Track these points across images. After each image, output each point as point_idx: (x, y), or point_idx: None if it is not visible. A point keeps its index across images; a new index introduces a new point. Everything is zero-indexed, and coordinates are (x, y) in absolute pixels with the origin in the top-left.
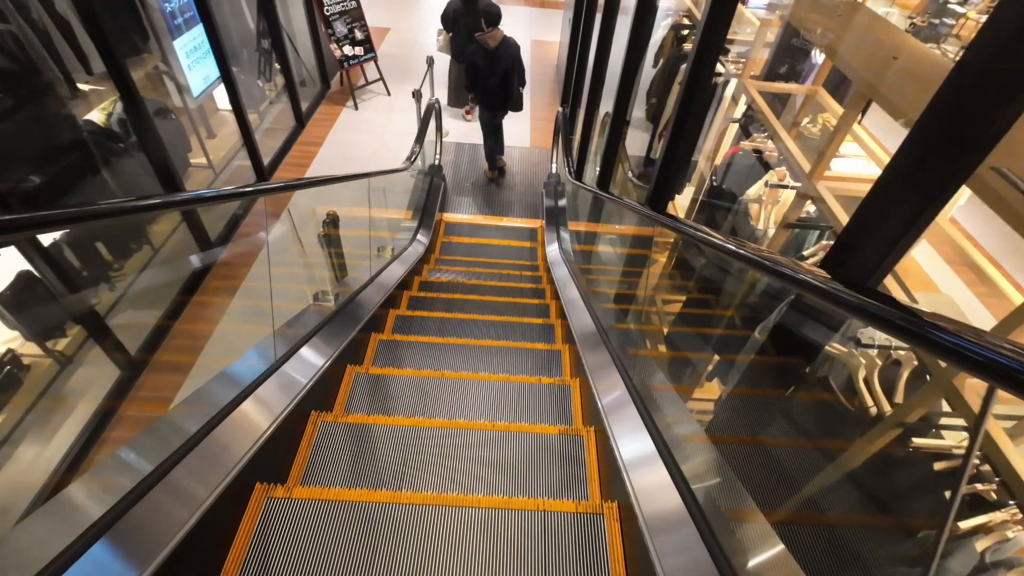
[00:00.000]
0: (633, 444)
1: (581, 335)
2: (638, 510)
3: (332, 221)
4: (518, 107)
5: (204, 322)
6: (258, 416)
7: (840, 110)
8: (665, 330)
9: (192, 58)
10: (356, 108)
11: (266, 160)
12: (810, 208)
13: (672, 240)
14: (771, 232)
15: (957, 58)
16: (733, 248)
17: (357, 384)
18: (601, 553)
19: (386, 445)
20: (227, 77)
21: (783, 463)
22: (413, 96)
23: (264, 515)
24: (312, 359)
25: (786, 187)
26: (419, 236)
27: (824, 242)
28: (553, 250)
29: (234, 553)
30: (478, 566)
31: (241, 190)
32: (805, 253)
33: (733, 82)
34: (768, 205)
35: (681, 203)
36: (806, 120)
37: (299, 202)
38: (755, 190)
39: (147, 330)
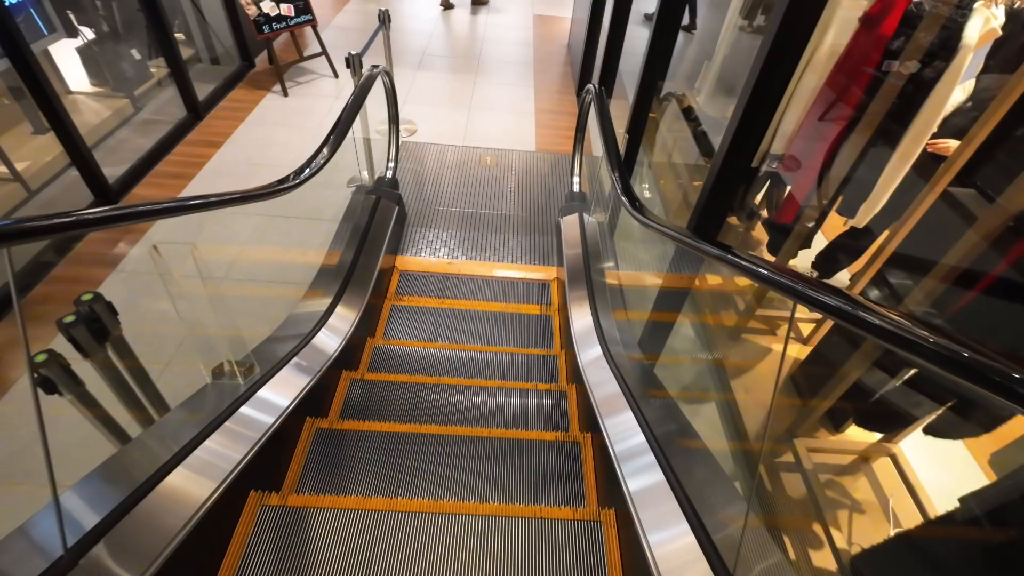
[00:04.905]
0: None
1: None
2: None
3: (88, 318)
4: None
5: None
6: None
7: None
8: None
9: None
10: (285, 94)
11: (121, 169)
12: None
13: None
14: None
15: None
16: None
17: None
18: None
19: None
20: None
21: None
22: (347, 65)
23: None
24: None
25: None
26: (333, 320)
27: None
28: (594, 359)
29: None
30: (474, 574)
31: None
32: None
33: None
34: None
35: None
36: None
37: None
38: None
39: None
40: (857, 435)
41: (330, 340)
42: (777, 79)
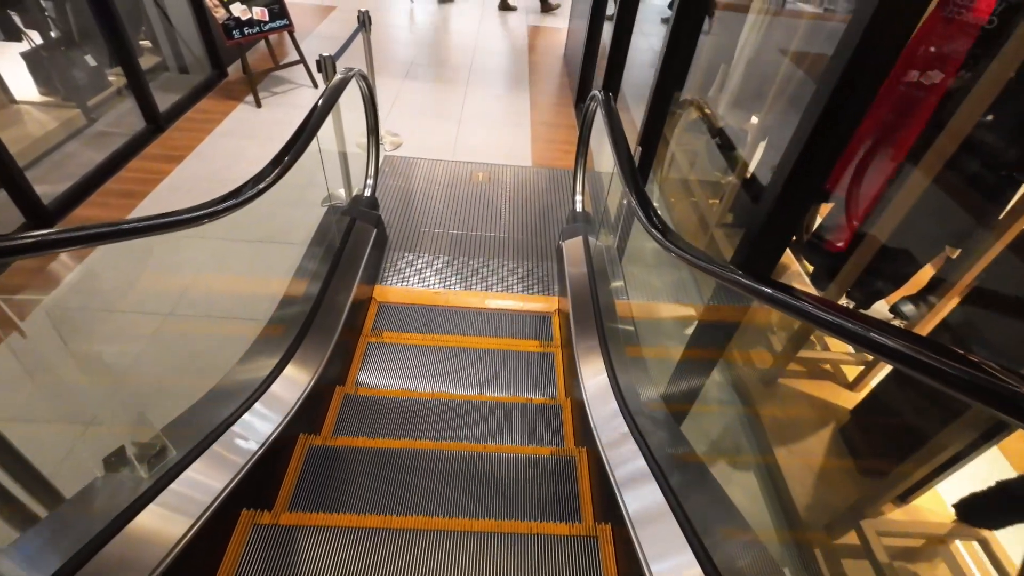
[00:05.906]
0: None
1: None
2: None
3: None
4: None
5: None
6: None
7: None
8: None
9: None
10: (258, 105)
11: (64, 187)
12: None
13: None
14: None
15: None
16: None
17: None
18: None
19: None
20: None
21: None
22: (319, 68)
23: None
24: None
25: None
26: (277, 386)
27: None
28: (609, 417)
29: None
30: None
31: None
32: None
33: None
34: None
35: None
36: None
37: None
38: None
39: None
40: (928, 505)
41: (277, 409)
42: (873, 65)
